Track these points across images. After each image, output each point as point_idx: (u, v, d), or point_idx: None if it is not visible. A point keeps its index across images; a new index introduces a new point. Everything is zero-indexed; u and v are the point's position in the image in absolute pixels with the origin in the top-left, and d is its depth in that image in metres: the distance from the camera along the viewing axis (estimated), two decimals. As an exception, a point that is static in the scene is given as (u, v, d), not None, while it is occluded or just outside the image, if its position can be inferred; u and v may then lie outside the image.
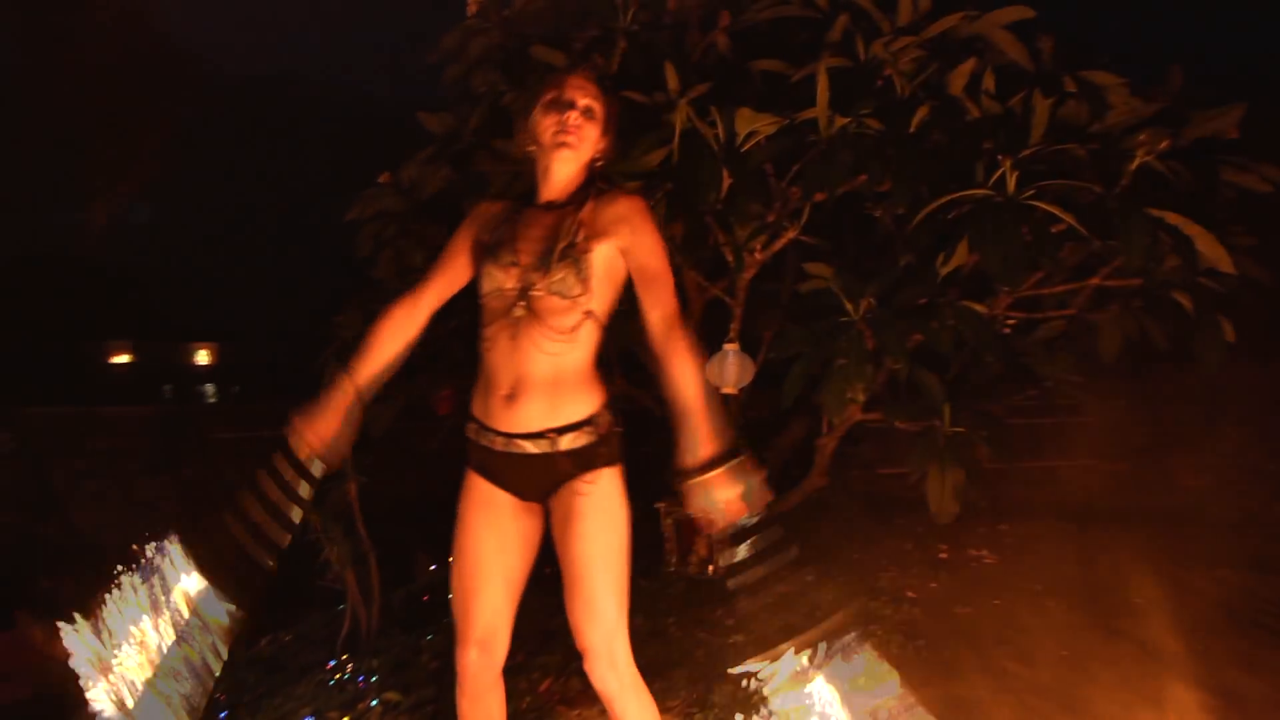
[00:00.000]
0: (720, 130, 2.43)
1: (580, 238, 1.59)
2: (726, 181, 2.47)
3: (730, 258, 2.82)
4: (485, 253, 1.66)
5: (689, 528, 3.91)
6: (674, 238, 3.05)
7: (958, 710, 2.41)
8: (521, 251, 1.61)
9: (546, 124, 1.63)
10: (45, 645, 3.92)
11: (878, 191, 2.63)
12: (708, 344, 3.75)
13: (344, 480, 3.17)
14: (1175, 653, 2.74)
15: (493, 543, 1.69)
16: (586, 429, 1.63)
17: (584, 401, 1.64)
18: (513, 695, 2.46)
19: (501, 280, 1.61)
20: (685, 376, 1.62)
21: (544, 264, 1.58)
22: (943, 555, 4.10)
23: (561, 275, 1.57)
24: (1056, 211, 2.29)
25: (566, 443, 1.62)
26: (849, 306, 2.52)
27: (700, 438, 1.58)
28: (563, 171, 1.67)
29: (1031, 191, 2.37)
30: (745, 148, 2.45)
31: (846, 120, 2.36)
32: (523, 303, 1.58)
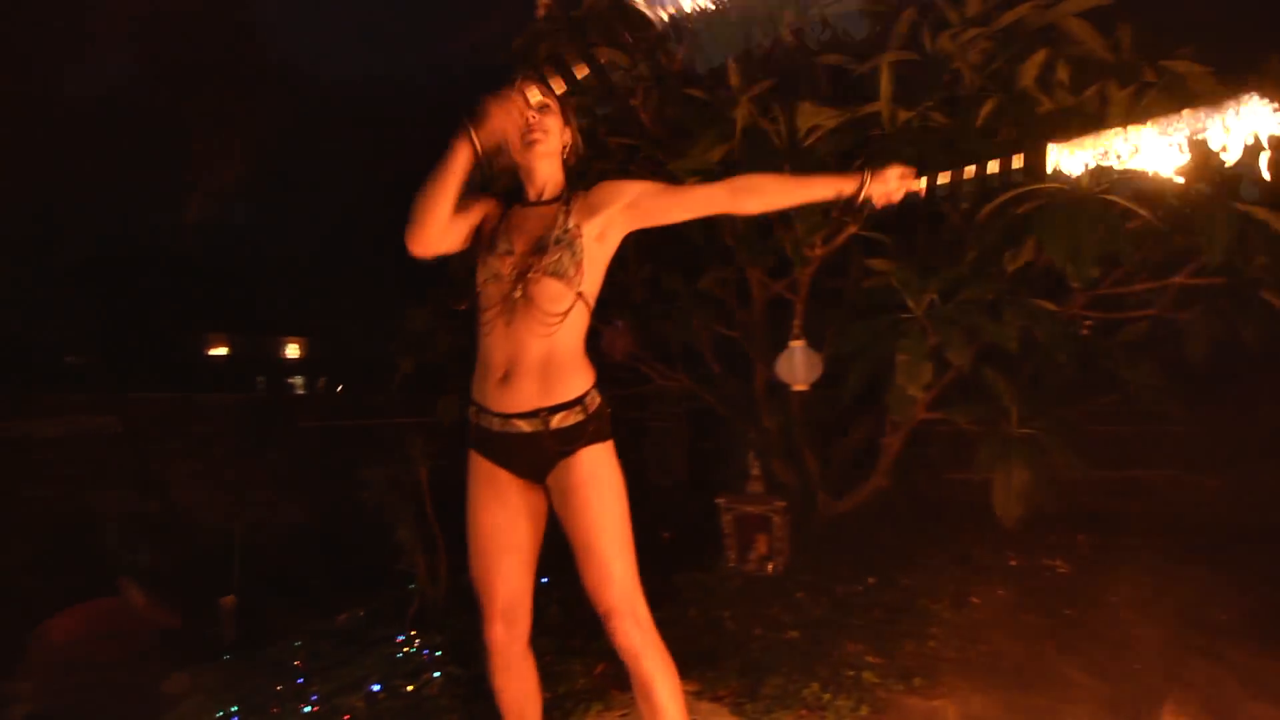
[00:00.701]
0: (782, 125, 2.44)
1: (571, 224, 1.70)
2: (787, 176, 2.48)
3: (791, 253, 2.83)
4: (480, 243, 1.75)
5: (749, 524, 3.92)
6: (734, 234, 3.08)
7: (1017, 716, 2.35)
8: (516, 240, 1.71)
9: (514, 138, 1.73)
10: (145, 611, 4.24)
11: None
12: (773, 342, 3.77)
13: (415, 467, 3.32)
14: (1263, 677, 2.58)
15: (502, 518, 1.77)
16: (576, 408, 1.70)
17: (574, 382, 1.71)
18: (567, 677, 2.54)
19: (498, 267, 1.71)
20: (770, 182, 1.77)
21: (539, 248, 1.67)
22: (1012, 563, 3.97)
23: (557, 257, 1.66)
24: (1132, 206, 2.21)
25: (557, 421, 1.69)
26: (910, 302, 2.49)
27: (835, 182, 1.74)
28: (544, 167, 1.78)
29: (1107, 185, 2.30)
30: (808, 142, 2.45)
31: (910, 114, 2.34)
32: (520, 285, 1.67)
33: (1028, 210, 2.43)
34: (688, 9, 1.74)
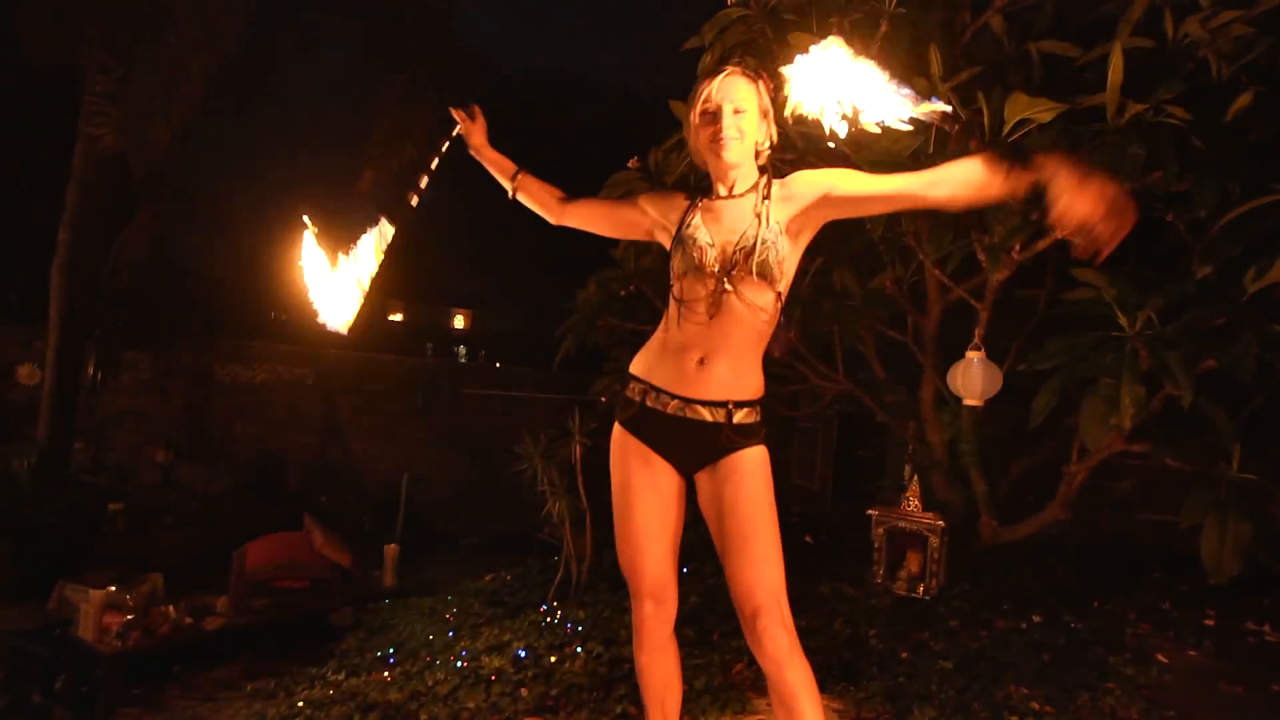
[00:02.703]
0: (986, 117, 2.24)
1: (774, 220, 1.66)
2: (987, 173, 2.28)
3: (982, 257, 2.61)
4: (677, 237, 1.74)
5: (902, 541, 3.71)
6: (916, 233, 2.89)
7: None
8: (715, 234, 1.69)
9: (704, 135, 1.71)
10: (323, 547, 4.67)
11: (1172, 191, 2.29)
12: (946, 351, 3.53)
13: (570, 441, 3.41)
14: None
15: (654, 501, 1.76)
16: (756, 408, 1.71)
17: (758, 382, 1.72)
18: (705, 669, 2.52)
19: (699, 259, 1.67)
20: (962, 166, 1.59)
21: (743, 245, 1.65)
22: (1208, 622, 3.50)
23: (764, 257, 1.64)
24: None
25: (739, 417, 1.69)
26: (1123, 320, 2.22)
27: (1020, 175, 1.50)
28: (733, 171, 1.73)
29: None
30: (1014, 137, 2.24)
31: (1142, 107, 2.07)
32: (726, 280, 1.65)
33: (1278, 224, 2.10)
34: None
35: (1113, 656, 2.88)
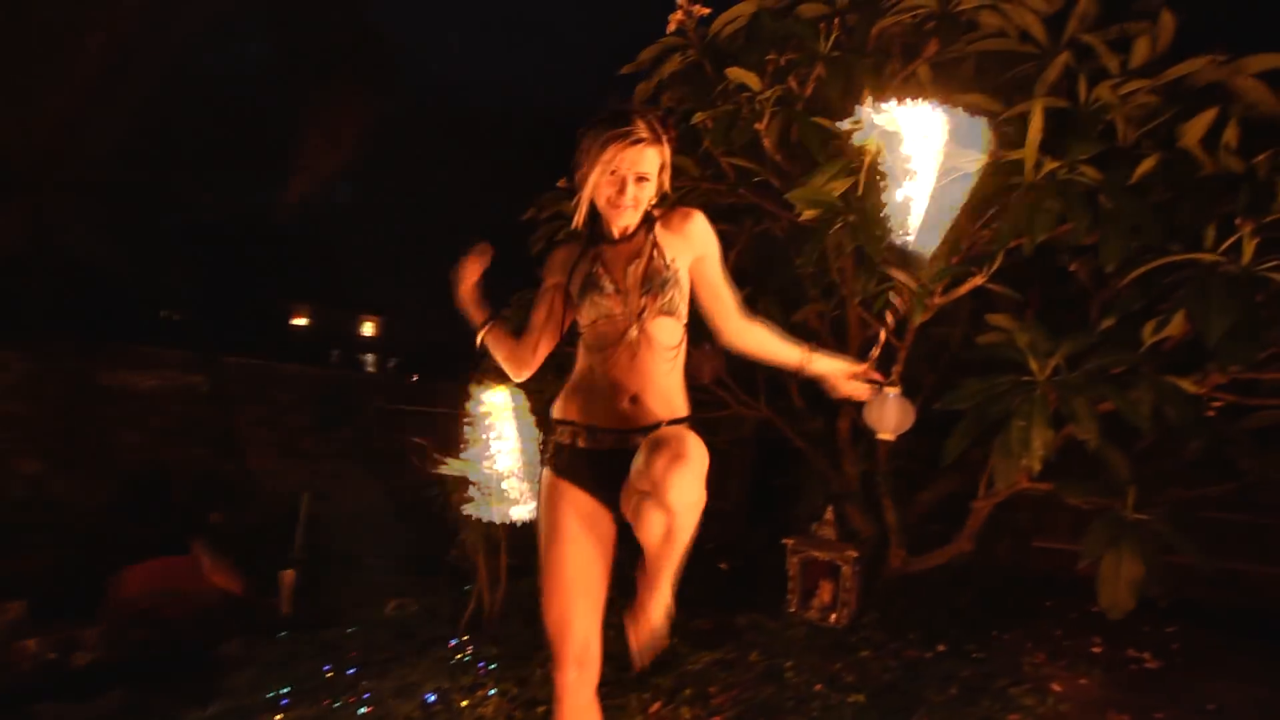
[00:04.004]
0: (914, 164, 2.30)
1: (669, 258, 1.74)
2: (913, 218, 2.34)
3: (900, 300, 2.68)
4: (582, 287, 1.76)
5: (815, 570, 3.76)
6: (841, 270, 2.95)
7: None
8: (619, 279, 1.73)
9: (604, 193, 1.72)
10: (212, 574, 4.35)
11: (1080, 245, 2.41)
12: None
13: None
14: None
15: (585, 549, 1.72)
16: (686, 423, 1.76)
17: (683, 400, 1.79)
18: (624, 711, 2.46)
19: (610, 307, 1.71)
20: (779, 343, 1.93)
21: (648, 288, 1.71)
22: (1095, 650, 3.69)
23: (670, 296, 1.72)
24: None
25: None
26: (1034, 366, 2.32)
27: (839, 366, 2.03)
28: (624, 227, 1.77)
29: (1274, 263, 2.09)
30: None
31: (1057, 164, 2.18)
32: (636, 324, 1.71)
33: (1175, 281, 2.24)
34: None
35: (1014, 687, 2.99)
